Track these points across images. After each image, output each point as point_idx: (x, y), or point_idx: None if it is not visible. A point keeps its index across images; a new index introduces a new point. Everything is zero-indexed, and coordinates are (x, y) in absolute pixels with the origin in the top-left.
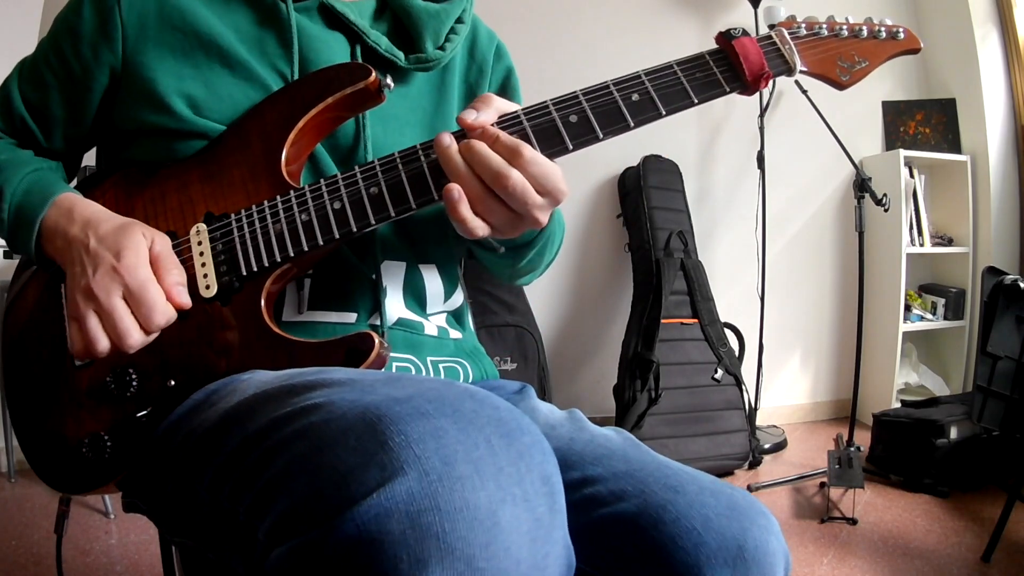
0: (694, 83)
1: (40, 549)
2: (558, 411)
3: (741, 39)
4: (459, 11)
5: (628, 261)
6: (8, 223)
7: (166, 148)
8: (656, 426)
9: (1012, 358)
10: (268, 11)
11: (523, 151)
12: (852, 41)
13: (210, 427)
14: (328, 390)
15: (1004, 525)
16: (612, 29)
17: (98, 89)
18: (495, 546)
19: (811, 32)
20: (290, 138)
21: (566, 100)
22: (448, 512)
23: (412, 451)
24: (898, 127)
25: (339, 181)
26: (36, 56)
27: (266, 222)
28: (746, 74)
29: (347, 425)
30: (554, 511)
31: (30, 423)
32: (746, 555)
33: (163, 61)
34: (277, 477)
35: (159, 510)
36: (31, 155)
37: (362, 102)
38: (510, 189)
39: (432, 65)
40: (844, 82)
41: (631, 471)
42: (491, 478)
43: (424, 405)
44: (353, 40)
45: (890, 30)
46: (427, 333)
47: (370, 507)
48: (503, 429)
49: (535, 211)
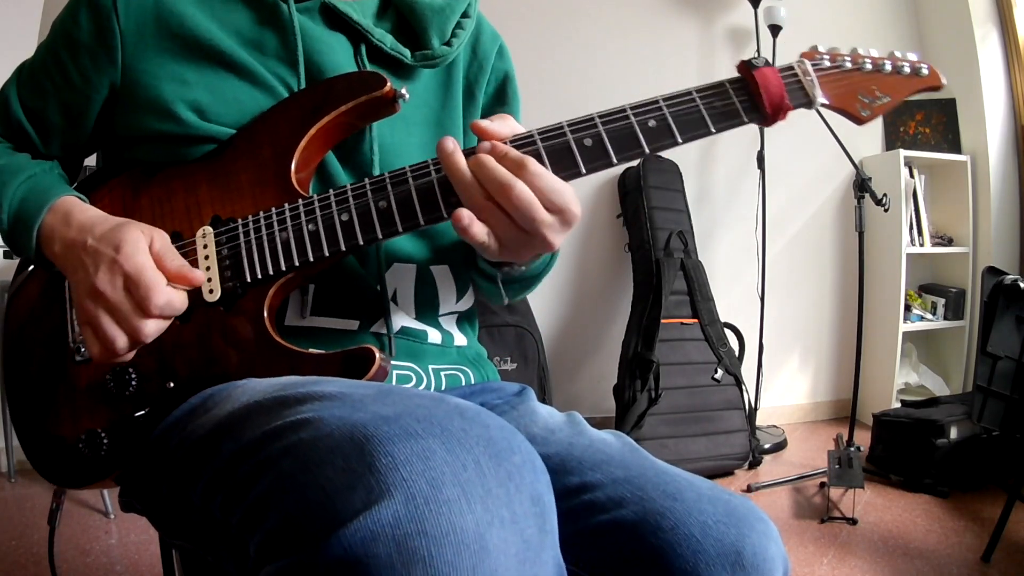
0: (712, 112)
1: (40, 549)
2: (558, 414)
3: (763, 70)
4: (464, 5)
5: (628, 261)
6: (7, 228)
7: (173, 152)
8: (656, 426)
9: (1012, 358)
10: (269, 12)
11: (528, 164)
12: (874, 75)
13: (203, 435)
14: (319, 404)
15: (1004, 525)
16: (612, 29)
17: (97, 98)
18: (482, 569)
19: (834, 64)
20: (301, 145)
21: (582, 123)
22: (435, 536)
23: (399, 473)
24: (898, 127)
25: (348, 192)
26: (35, 61)
27: (273, 230)
28: (766, 106)
29: (334, 444)
30: (544, 532)
31: (29, 417)
32: (744, 561)
33: (164, 67)
34: (266, 493)
35: (155, 511)
36: (28, 158)
37: (376, 111)
38: (515, 200)
39: (439, 61)
40: (864, 117)
41: (630, 477)
42: (479, 501)
43: (412, 425)
44: (357, 39)
45: (914, 66)
46: (430, 341)
47: (357, 530)
48: (493, 449)
49: (544, 229)
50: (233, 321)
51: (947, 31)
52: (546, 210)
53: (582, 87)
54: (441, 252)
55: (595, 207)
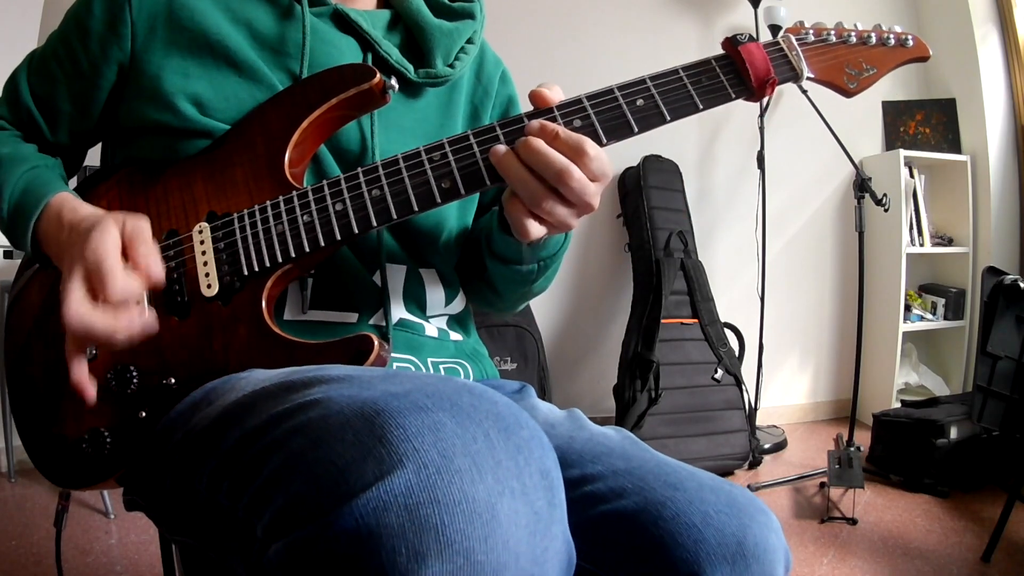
0: (699, 89)
1: (40, 549)
2: (558, 410)
3: (747, 45)
4: (470, 32)
5: (628, 261)
6: (6, 222)
7: (169, 146)
8: (656, 426)
9: (1012, 358)
10: (284, 11)
11: (586, 148)
12: (860, 48)
13: (208, 425)
14: (326, 386)
15: (1004, 525)
16: (612, 29)
17: (105, 85)
18: (493, 539)
19: (819, 39)
20: (294, 138)
21: (571, 104)
22: (446, 505)
23: (410, 444)
24: (898, 127)
25: (341, 183)
26: (45, 49)
27: (268, 223)
28: (752, 80)
29: (344, 420)
30: (553, 505)
31: (31, 418)
32: (746, 551)
33: (170, 60)
34: (275, 474)
35: (159, 508)
36: (33, 150)
37: (367, 103)
38: (573, 185)
39: (442, 81)
40: (851, 89)
41: (630, 468)
42: (489, 471)
43: (422, 399)
44: (364, 48)
45: (899, 37)
46: (428, 335)
47: (368, 500)
48: (501, 423)
49: (592, 199)
50: (232, 315)
51: (947, 31)
52: (592, 182)
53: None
54: (428, 255)
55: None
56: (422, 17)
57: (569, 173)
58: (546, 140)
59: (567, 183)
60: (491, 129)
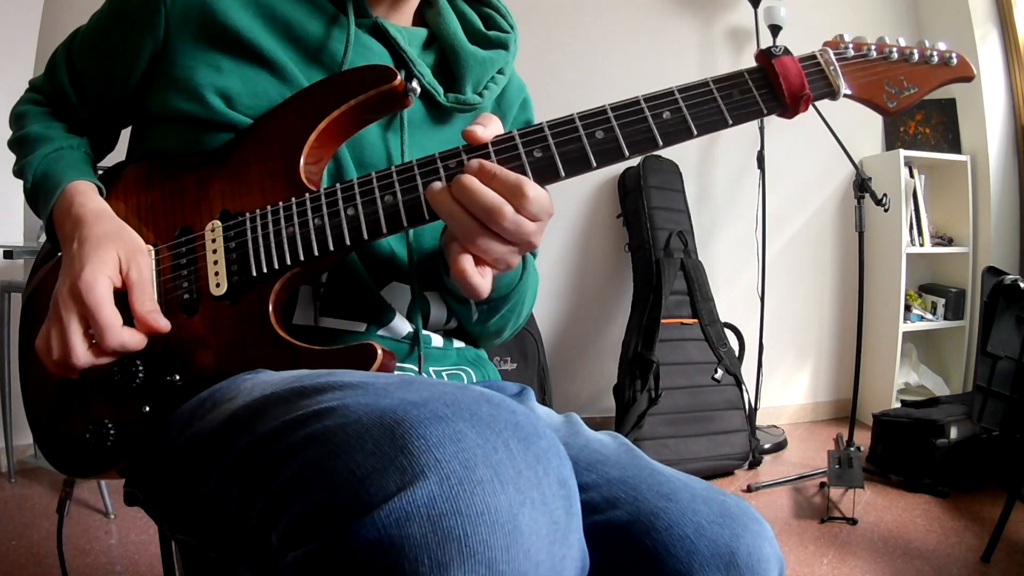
0: (730, 103)
1: (40, 549)
2: (556, 415)
3: (782, 58)
4: (502, 63)
5: (628, 261)
6: (30, 199)
7: (193, 137)
8: (656, 426)
9: (1012, 358)
10: (330, 19)
11: (525, 189)
12: (902, 65)
13: (216, 427)
14: (341, 393)
15: (1004, 525)
16: (612, 29)
17: (136, 70)
18: (515, 549)
19: (859, 54)
20: (311, 139)
21: (594, 115)
22: (469, 516)
23: (432, 455)
24: (898, 127)
25: (355, 187)
26: (86, 29)
27: (279, 224)
28: (785, 95)
29: (364, 430)
30: (570, 514)
31: (40, 407)
32: (739, 561)
33: (202, 54)
34: (292, 481)
35: (161, 505)
36: (61, 130)
37: (387, 105)
38: (506, 224)
39: (469, 109)
40: (891, 109)
41: (624, 478)
42: (510, 482)
43: (442, 409)
44: (399, 65)
45: (943, 55)
46: (433, 346)
47: (391, 511)
48: (520, 433)
49: (531, 237)
50: (238, 315)
51: (947, 31)
52: (531, 221)
53: (582, 88)
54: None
55: (595, 207)
56: (458, 42)
57: (501, 213)
58: (483, 180)
59: (498, 222)
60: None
